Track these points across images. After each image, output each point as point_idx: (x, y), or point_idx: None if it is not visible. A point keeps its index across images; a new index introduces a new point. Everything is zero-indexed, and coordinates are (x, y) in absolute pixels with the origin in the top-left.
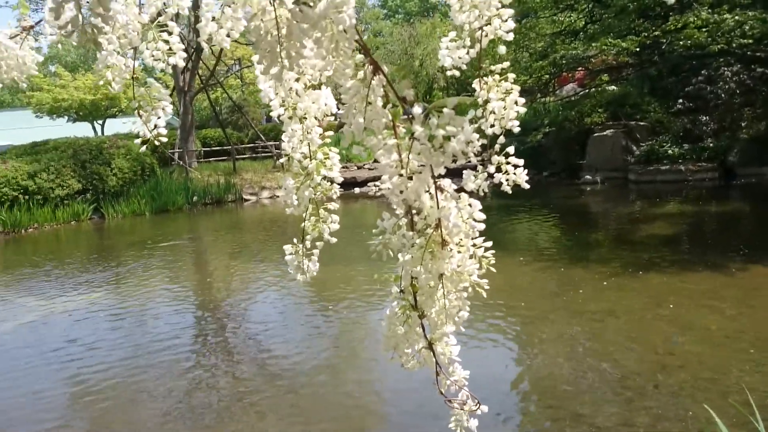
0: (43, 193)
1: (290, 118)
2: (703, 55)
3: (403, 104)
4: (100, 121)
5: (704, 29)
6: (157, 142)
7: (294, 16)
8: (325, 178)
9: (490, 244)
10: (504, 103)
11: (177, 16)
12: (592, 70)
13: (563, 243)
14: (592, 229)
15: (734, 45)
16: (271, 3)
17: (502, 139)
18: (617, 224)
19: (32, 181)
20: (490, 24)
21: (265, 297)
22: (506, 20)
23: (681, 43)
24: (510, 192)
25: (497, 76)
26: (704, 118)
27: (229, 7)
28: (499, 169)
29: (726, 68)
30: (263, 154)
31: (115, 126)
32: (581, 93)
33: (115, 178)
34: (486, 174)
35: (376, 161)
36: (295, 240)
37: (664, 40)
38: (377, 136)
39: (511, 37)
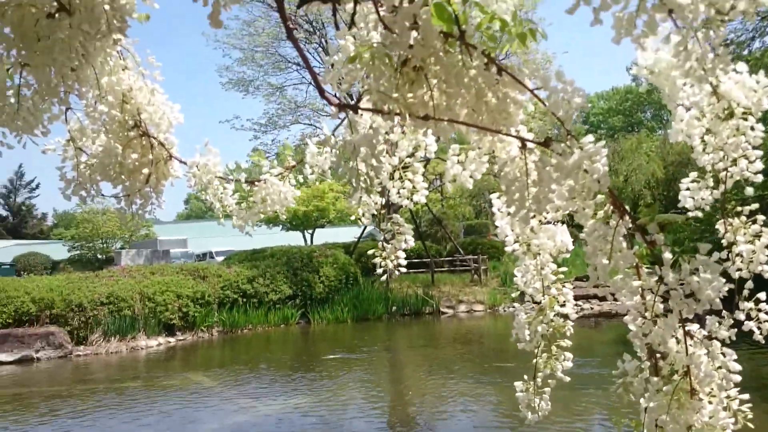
0: (258, 296)
1: (524, 253)
2: None
3: (650, 246)
4: (310, 231)
5: None
6: (397, 272)
7: (545, 164)
8: (558, 314)
9: (747, 396)
10: (753, 246)
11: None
12: None
13: None
14: None
15: None
16: (521, 153)
17: (750, 284)
18: None
19: (250, 285)
20: (735, 165)
21: (459, 415)
22: (753, 161)
23: None
24: (763, 341)
25: (744, 218)
26: None
27: (474, 151)
28: (749, 316)
29: None
30: (461, 268)
31: (323, 235)
32: None
33: (321, 285)
34: (732, 320)
35: (577, 279)
36: (525, 377)
37: None
38: (621, 277)
39: (759, 178)
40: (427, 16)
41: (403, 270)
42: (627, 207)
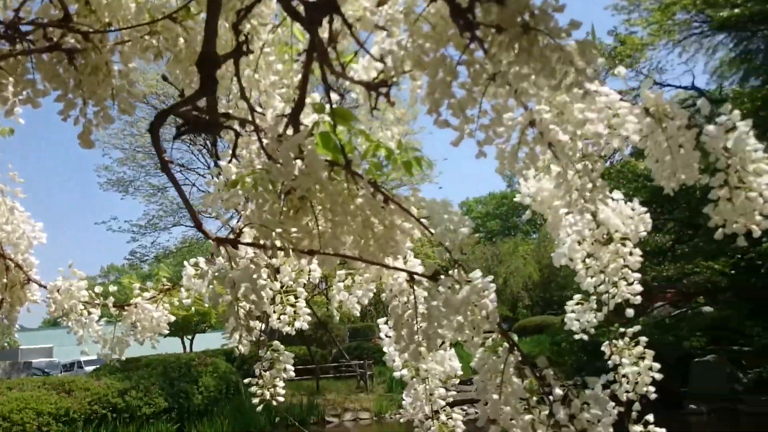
0: (130, 411)
1: (413, 378)
2: None
3: (541, 382)
4: (190, 336)
5: None
6: (275, 402)
7: (433, 299)
8: None
9: None
10: (638, 368)
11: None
12: (686, 291)
13: None
14: None
15: None
16: (409, 285)
17: (637, 406)
18: None
19: (121, 399)
20: (616, 287)
21: None
22: (632, 283)
23: None
24: None
25: (628, 339)
26: None
27: (360, 276)
28: None
29: None
30: (347, 374)
31: (205, 341)
32: (675, 314)
33: (200, 397)
34: None
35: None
36: None
37: (760, 262)
38: (512, 412)
39: (639, 300)
40: (313, 146)
41: (281, 399)
42: (506, 307)
